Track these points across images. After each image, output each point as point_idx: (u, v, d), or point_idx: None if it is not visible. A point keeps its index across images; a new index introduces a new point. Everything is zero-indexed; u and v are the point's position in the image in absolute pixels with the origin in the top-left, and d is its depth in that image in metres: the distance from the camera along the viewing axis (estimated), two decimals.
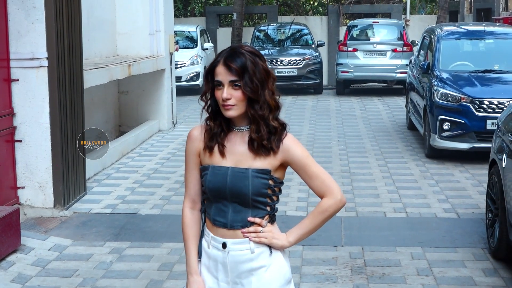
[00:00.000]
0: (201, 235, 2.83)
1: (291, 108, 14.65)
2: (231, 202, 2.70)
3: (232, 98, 2.65)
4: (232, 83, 2.66)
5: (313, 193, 7.14)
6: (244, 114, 2.70)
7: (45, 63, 6.62)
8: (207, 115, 2.77)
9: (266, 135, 2.68)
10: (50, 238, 6.23)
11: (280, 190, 2.77)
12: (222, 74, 2.66)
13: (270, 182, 2.70)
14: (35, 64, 6.60)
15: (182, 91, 16.08)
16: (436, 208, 7.15)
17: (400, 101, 15.52)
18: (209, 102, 2.74)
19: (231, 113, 2.68)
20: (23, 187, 6.78)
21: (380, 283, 5.27)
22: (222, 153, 2.72)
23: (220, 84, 2.67)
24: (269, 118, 2.69)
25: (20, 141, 6.71)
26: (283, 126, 2.73)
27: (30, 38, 6.58)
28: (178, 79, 15.64)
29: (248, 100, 2.67)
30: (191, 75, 17.11)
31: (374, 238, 6.28)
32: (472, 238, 6.23)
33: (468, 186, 8.03)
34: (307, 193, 7.56)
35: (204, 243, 2.80)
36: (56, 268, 5.63)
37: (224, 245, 2.72)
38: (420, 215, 6.94)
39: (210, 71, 2.72)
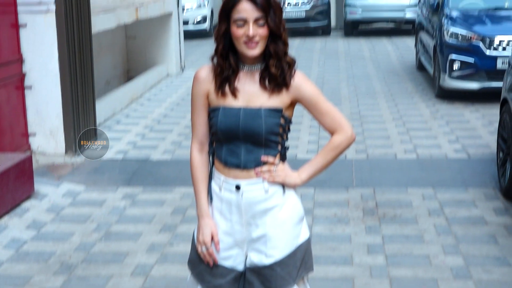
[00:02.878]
0: (210, 177, 2.81)
1: (299, 51, 14.55)
2: (244, 142, 2.68)
3: (256, 35, 2.60)
4: (257, 21, 2.60)
5: (323, 136, 7.21)
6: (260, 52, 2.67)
7: (53, 7, 6.58)
8: (215, 55, 2.70)
9: (286, 70, 2.66)
10: (63, 184, 6.28)
11: (289, 129, 2.76)
12: (247, 10, 2.59)
13: (281, 120, 2.68)
14: (43, 9, 6.57)
15: (189, 35, 15.98)
16: (447, 149, 7.16)
17: (409, 41, 15.38)
18: (223, 42, 2.66)
19: (255, 51, 2.63)
20: (34, 134, 6.82)
21: (392, 224, 5.30)
22: (234, 94, 2.67)
23: (243, 21, 2.60)
24: (284, 54, 2.67)
25: (30, 87, 6.72)
26: (293, 62, 2.71)
27: None
28: (185, 23, 15.54)
29: (270, 36, 2.63)
30: (198, 18, 17.00)
31: (385, 179, 6.31)
32: (482, 178, 6.24)
33: (479, 126, 8.02)
34: (317, 136, 7.57)
35: (214, 186, 2.78)
36: (70, 214, 5.68)
37: (237, 187, 2.71)
38: (431, 156, 6.95)
39: (228, 10, 2.63)
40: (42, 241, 5.14)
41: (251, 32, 2.58)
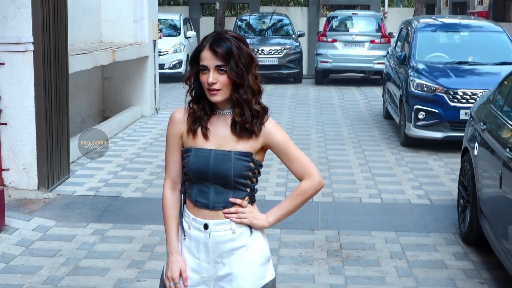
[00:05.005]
0: (181, 215, 2.89)
1: (271, 97, 14.80)
2: (213, 183, 2.77)
3: (217, 82, 2.71)
4: (218, 68, 2.71)
5: (291, 178, 7.38)
6: (228, 98, 2.76)
7: (31, 47, 6.71)
8: (191, 98, 2.82)
9: (249, 118, 2.75)
10: (34, 219, 6.34)
11: (259, 173, 2.86)
12: (208, 58, 2.71)
13: (251, 164, 2.78)
14: (21, 49, 6.70)
15: (164, 78, 16.18)
16: (410, 195, 7.37)
17: (377, 91, 15.73)
18: (193, 86, 2.79)
19: (217, 98, 2.74)
20: (7, 169, 6.89)
21: (355, 265, 5.43)
22: (205, 136, 2.78)
23: (205, 68, 2.72)
24: (252, 102, 2.75)
25: (5, 124, 6.81)
26: (264, 110, 2.80)
27: (16, 22, 6.67)
28: (161, 66, 15.79)
29: (233, 84, 2.73)
30: (174, 62, 17.25)
31: (350, 222, 6.47)
32: (444, 223, 6.44)
33: (441, 174, 8.26)
34: (285, 179, 7.74)
35: (184, 224, 2.86)
36: (39, 248, 5.73)
37: (205, 226, 2.79)
38: (395, 201, 7.15)
39: (195, 56, 2.76)
40: (10, 273, 5.17)
41: (210, 79, 2.71)
